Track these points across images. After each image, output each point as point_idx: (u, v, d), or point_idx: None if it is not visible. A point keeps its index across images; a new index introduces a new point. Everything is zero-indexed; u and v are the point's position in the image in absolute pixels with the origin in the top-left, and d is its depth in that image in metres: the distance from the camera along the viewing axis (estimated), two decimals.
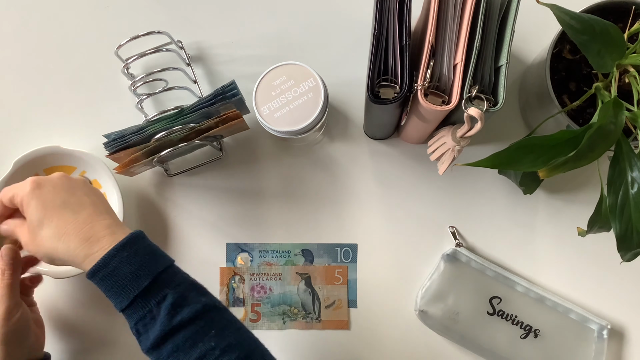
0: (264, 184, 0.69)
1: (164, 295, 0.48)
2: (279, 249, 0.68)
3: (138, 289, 0.47)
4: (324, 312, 0.67)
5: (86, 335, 0.68)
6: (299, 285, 0.68)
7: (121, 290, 0.48)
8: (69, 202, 0.51)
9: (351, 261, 0.68)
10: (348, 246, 0.68)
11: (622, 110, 0.47)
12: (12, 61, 0.72)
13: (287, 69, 0.59)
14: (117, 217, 0.53)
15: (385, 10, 0.54)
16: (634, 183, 0.46)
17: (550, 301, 0.65)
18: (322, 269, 0.68)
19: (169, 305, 0.47)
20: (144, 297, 0.48)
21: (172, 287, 0.48)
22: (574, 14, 0.48)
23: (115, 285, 0.48)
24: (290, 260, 0.68)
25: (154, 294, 0.48)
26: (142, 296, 0.48)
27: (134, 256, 0.48)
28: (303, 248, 0.68)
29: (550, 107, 0.57)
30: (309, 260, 0.68)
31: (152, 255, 0.50)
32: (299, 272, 0.68)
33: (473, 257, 0.65)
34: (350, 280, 0.68)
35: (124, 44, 0.62)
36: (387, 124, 0.64)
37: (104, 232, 0.50)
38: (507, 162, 0.47)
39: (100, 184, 0.67)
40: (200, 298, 0.49)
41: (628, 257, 0.49)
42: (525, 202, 0.68)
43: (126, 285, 0.48)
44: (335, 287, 0.67)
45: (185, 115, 0.59)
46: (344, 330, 0.67)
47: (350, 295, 0.68)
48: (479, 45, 0.51)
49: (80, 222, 0.50)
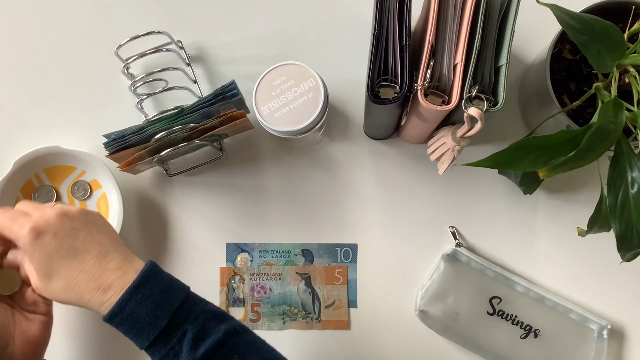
0: (264, 184, 0.69)
1: (184, 331, 0.48)
2: (279, 249, 0.68)
3: (157, 330, 0.48)
4: (324, 312, 0.67)
5: (86, 335, 0.68)
6: (299, 285, 0.68)
7: (140, 332, 0.48)
8: (73, 249, 0.50)
9: (351, 261, 0.68)
10: (348, 246, 0.68)
11: (622, 110, 0.47)
12: (13, 61, 0.72)
13: (287, 69, 0.59)
14: (125, 250, 0.52)
15: (385, 10, 0.54)
16: (634, 183, 0.46)
17: (550, 301, 0.65)
18: (322, 269, 0.68)
19: (190, 340, 0.47)
20: (164, 336, 0.48)
21: (191, 321, 0.48)
22: (574, 14, 0.48)
23: (134, 328, 0.48)
24: (290, 260, 0.68)
25: (173, 332, 0.48)
26: (162, 335, 0.48)
27: (148, 297, 0.48)
28: (303, 248, 0.68)
29: (550, 107, 0.57)
30: (309, 260, 0.68)
31: (166, 292, 0.49)
32: (299, 272, 0.68)
33: (473, 257, 0.65)
34: (350, 280, 0.68)
35: (124, 44, 0.62)
36: (387, 124, 0.64)
37: (114, 276, 0.49)
38: (507, 162, 0.47)
39: (101, 184, 0.67)
40: (220, 326, 0.49)
41: (628, 257, 0.49)
42: (525, 202, 0.68)
43: (145, 327, 0.48)
44: (335, 287, 0.67)
45: (185, 116, 0.59)
46: (344, 330, 0.67)
47: (351, 295, 0.68)
48: (479, 45, 0.51)
49: (88, 270, 0.49)
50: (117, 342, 0.67)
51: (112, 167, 0.64)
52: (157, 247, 0.69)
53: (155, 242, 0.69)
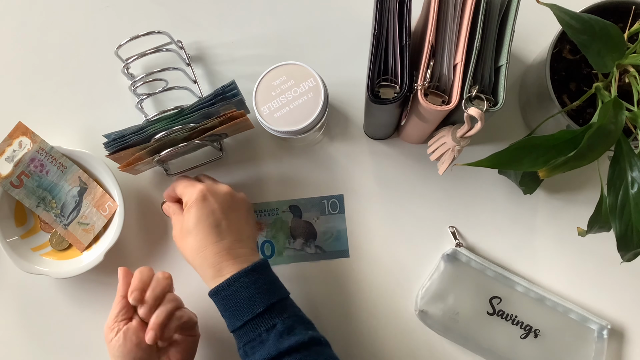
0: (264, 183, 0.69)
1: (274, 324, 0.52)
2: (266, 207, 0.69)
3: (251, 314, 0.52)
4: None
5: (86, 335, 0.68)
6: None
7: (236, 312, 0.53)
8: (219, 225, 0.56)
9: (339, 212, 0.69)
10: (335, 197, 0.69)
11: (622, 110, 0.47)
12: (12, 61, 0.72)
13: (287, 69, 0.59)
14: (253, 246, 0.59)
15: (385, 10, 0.54)
16: (634, 183, 0.46)
17: (550, 301, 0.65)
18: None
19: (278, 333, 0.52)
20: (255, 322, 0.52)
21: (283, 318, 0.53)
22: (574, 14, 0.48)
23: (232, 306, 0.53)
24: (279, 218, 0.69)
25: (265, 321, 0.52)
26: (253, 321, 0.52)
27: (253, 283, 0.54)
28: (290, 204, 0.69)
29: (550, 107, 0.57)
30: (298, 215, 0.69)
31: (270, 286, 0.55)
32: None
33: (473, 257, 0.65)
34: (340, 230, 0.68)
35: (124, 44, 0.62)
36: (387, 124, 0.64)
37: (235, 261, 0.55)
38: (507, 162, 0.47)
39: (101, 183, 0.67)
40: (308, 331, 0.53)
41: (628, 257, 0.49)
42: (525, 202, 0.68)
43: (242, 308, 0.53)
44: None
45: (186, 116, 0.59)
46: (344, 328, 0.67)
47: (342, 246, 0.68)
48: (479, 45, 0.51)
49: (220, 247, 0.55)
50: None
51: (112, 167, 0.64)
52: (157, 247, 0.69)
53: (155, 242, 0.69)
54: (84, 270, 0.64)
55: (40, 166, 0.65)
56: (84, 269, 0.64)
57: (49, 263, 0.66)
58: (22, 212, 0.68)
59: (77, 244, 0.67)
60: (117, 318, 0.56)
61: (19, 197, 0.65)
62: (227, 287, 0.53)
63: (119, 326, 0.55)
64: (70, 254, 0.67)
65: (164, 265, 0.68)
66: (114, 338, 0.55)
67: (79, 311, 0.68)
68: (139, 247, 0.69)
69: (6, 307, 0.68)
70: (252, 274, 0.54)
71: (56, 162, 0.65)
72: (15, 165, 0.64)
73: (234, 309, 0.53)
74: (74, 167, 0.66)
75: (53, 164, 0.65)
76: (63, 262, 0.66)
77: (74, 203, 0.67)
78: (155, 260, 0.69)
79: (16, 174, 0.65)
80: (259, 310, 0.52)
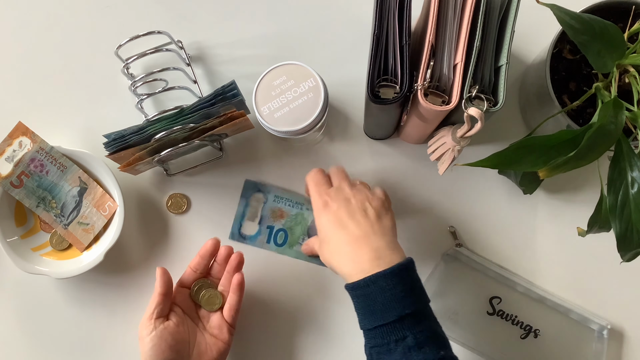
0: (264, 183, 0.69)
1: (404, 336, 0.50)
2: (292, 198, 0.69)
3: (383, 321, 0.50)
4: None
5: (86, 335, 0.68)
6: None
7: (369, 314, 0.51)
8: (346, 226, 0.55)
9: None
10: None
11: (622, 110, 0.47)
12: (13, 61, 0.72)
13: (287, 69, 0.59)
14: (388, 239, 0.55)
15: (385, 10, 0.54)
16: (634, 183, 0.46)
17: (550, 301, 0.65)
18: None
19: (407, 347, 0.49)
20: (385, 330, 0.50)
21: (415, 332, 0.50)
22: (574, 14, 0.48)
23: (366, 307, 0.52)
24: (301, 213, 0.69)
25: (396, 332, 0.50)
26: (384, 327, 0.50)
27: (391, 289, 0.51)
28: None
29: (550, 107, 0.57)
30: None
31: (407, 293, 0.51)
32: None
33: (473, 257, 0.65)
34: None
35: (124, 44, 0.62)
36: (387, 124, 0.64)
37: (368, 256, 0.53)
38: (507, 162, 0.47)
39: (101, 183, 0.67)
40: (439, 351, 0.50)
41: (628, 257, 0.49)
42: (525, 202, 0.68)
43: (375, 312, 0.51)
44: None
45: (186, 116, 0.59)
46: (344, 328, 0.67)
47: None
48: (479, 45, 0.51)
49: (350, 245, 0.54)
50: None
51: (112, 167, 0.64)
52: (157, 247, 0.69)
53: (155, 242, 0.69)
54: (84, 270, 0.64)
55: (40, 166, 0.65)
56: (84, 269, 0.64)
57: (49, 263, 0.66)
58: (22, 212, 0.68)
59: (77, 244, 0.67)
60: (153, 315, 0.56)
61: (19, 197, 0.65)
62: (365, 287, 0.51)
63: (154, 324, 0.55)
64: (70, 254, 0.67)
65: (163, 265, 0.68)
66: (148, 336, 0.55)
67: (79, 311, 0.68)
68: (139, 247, 0.69)
69: (6, 307, 0.68)
70: (390, 277, 0.51)
71: (56, 162, 0.65)
72: (15, 165, 0.64)
73: (367, 310, 0.52)
74: (74, 167, 0.66)
75: (53, 164, 0.65)
76: (63, 262, 0.66)
77: (74, 203, 0.67)
78: (156, 260, 0.69)
79: (16, 174, 0.65)
80: (391, 320, 0.50)
